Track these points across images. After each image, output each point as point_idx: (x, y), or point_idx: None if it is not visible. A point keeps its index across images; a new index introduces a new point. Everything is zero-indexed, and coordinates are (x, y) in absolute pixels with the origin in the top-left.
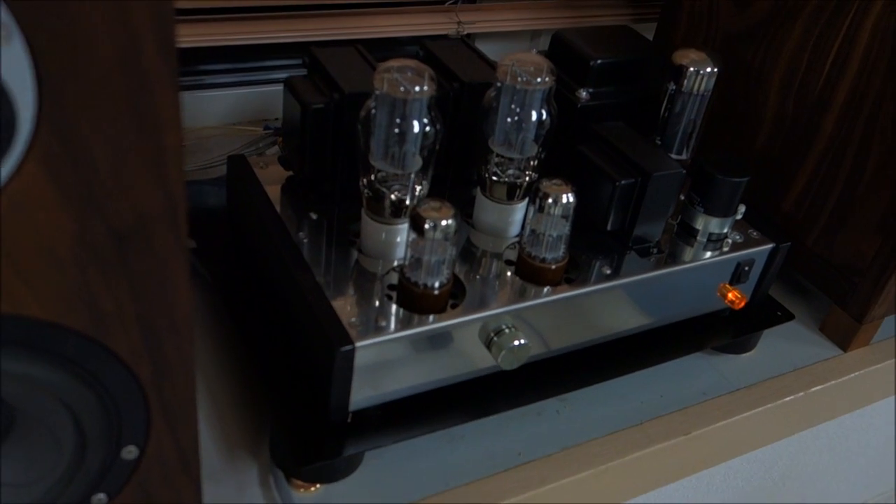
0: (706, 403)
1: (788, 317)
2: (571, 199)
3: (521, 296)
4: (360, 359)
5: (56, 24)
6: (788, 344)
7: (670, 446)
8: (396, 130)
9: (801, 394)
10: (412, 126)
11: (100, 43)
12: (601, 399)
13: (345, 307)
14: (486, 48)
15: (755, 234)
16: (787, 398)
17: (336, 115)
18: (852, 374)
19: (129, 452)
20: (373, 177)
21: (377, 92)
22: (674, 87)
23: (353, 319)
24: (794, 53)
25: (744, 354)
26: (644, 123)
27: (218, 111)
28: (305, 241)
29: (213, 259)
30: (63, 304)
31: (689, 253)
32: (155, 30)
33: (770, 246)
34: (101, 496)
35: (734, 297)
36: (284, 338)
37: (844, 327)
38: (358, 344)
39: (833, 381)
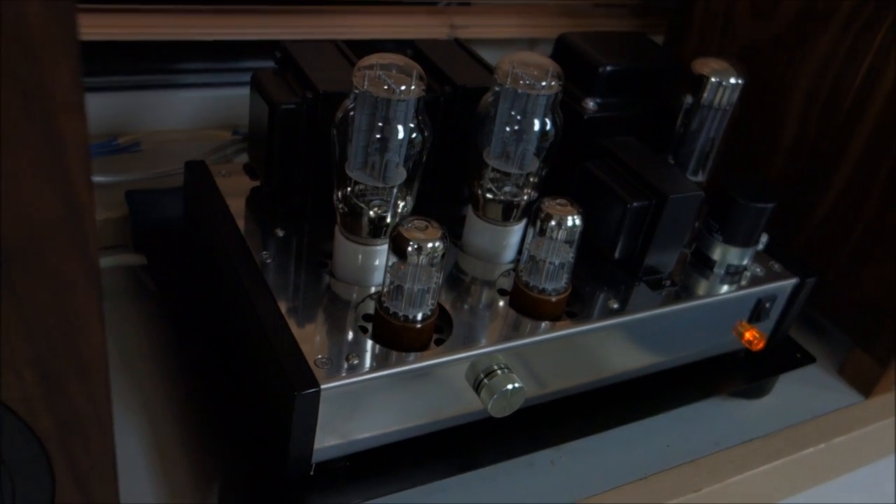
0: (718, 455)
1: (809, 359)
2: (578, 223)
3: (517, 331)
4: (325, 403)
5: None
6: (805, 388)
7: None
8: (378, 136)
9: (822, 445)
10: (396, 131)
11: None
12: (601, 448)
13: (311, 341)
14: (481, 55)
15: (777, 266)
16: (808, 450)
17: (308, 116)
18: (876, 424)
19: None
20: (349, 190)
21: (356, 90)
22: (692, 100)
23: (320, 356)
24: (821, 66)
25: (758, 400)
26: (656, 140)
27: (185, 113)
28: (269, 261)
29: (167, 279)
30: None
31: (704, 286)
32: None
33: (794, 281)
34: None
35: (752, 336)
36: (241, 374)
37: (867, 371)
38: (324, 386)
39: (857, 431)
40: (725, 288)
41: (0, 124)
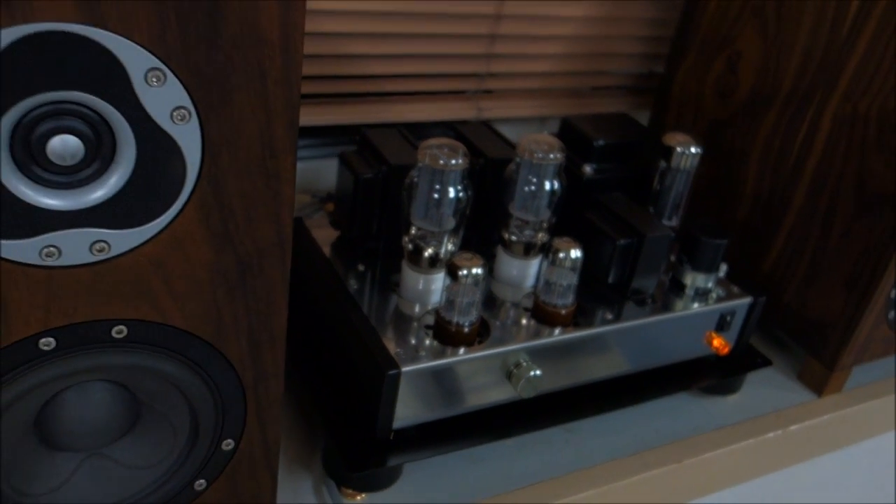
0: (696, 438)
1: (767, 363)
2: (579, 254)
3: (537, 335)
4: (404, 382)
5: (219, 108)
6: (769, 390)
7: (664, 472)
8: (435, 196)
9: (780, 431)
10: (448, 192)
11: (248, 121)
12: (604, 432)
13: (390, 341)
14: (502, 131)
15: (736, 289)
16: (768, 434)
17: (383, 184)
18: (825, 417)
19: (228, 444)
20: (413, 234)
21: (420, 164)
22: (664, 165)
23: (398, 350)
24: (769, 137)
25: (729, 397)
26: (639, 195)
27: None
28: (355, 287)
29: None
30: (197, 317)
31: (679, 304)
32: (285, 112)
33: (749, 299)
34: (202, 482)
35: (719, 343)
36: (335, 368)
37: (818, 375)
38: (403, 369)
39: (808, 422)
40: (695, 305)
41: (254, 193)
